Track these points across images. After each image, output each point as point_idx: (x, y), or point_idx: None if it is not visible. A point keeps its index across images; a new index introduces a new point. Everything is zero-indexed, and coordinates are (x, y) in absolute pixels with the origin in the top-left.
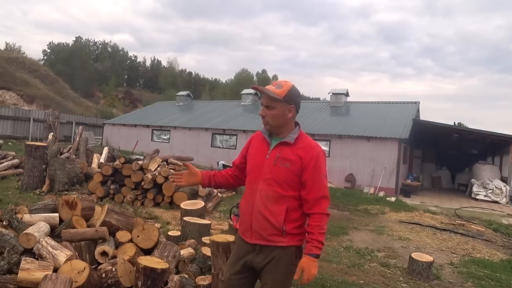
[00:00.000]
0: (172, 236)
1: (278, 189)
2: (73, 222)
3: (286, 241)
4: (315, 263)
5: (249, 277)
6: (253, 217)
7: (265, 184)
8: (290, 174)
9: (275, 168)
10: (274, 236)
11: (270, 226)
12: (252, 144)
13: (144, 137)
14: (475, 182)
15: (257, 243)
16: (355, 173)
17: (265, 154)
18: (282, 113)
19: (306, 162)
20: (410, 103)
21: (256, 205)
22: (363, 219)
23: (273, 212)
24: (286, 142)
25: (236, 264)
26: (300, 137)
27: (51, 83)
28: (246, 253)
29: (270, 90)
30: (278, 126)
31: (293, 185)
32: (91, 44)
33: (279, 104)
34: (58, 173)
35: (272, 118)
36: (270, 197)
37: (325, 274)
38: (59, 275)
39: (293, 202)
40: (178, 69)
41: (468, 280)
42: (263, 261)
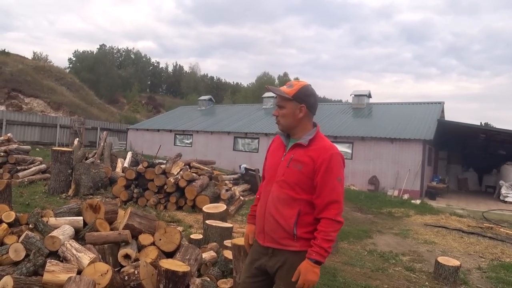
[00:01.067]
0: (194, 239)
1: (290, 191)
2: (96, 225)
3: (298, 245)
4: (314, 269)
5: (264, 281)
6: (266, 219)
7: (277, 186)
8: (302, 177)
9: (288, 170)
10: (285, 239)
11: (281, 229)
12: (271, 147)
13: (167, 141)
14: (504, 183)
15: (270, 246)
16: (378, 175)
17: (280, 156)
18: (292, 112)
19: (318, 165)
20: (434, 103)
21: (268, 208)
22: (387, 222)
23: (284, 215)
24: (300, 143)
25: (251, 267)
26: (315, 138)
27: (76, 90)
28: (259, 256)
29: (280, 89)
30: (290, 126)
31: (305, 188)
32: (114, 51)
33: (289, 103)
34: (83, 177)
35: (282, 118)
36: (282, 199)
37: (348, 278)
38: (83, 277)
39: (306, 206)
40: (200, 74)
41: (497, 285)
42: (276, 265)
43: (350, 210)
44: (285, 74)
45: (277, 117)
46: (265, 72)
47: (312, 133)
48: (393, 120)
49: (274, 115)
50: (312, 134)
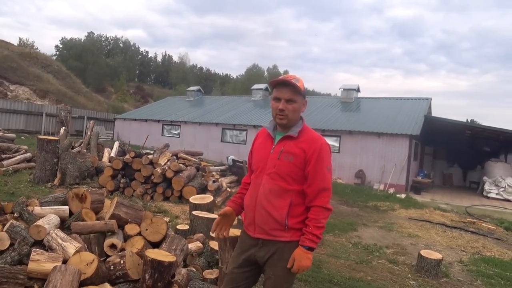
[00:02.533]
0: (180, 230)
1: (281, 183)
2: (82, 214)
3: (288, 235)
4: (307, 255)
5: (252, 271)
6: (256, 211)
7: (268, 178)
8: (294, 168)
9: (279, 162)
10: (276, 230)
11: (272, 221)
12: (256, 140)
13: (154, 132)
14: (487, 180)
15: (260, 237)
16: (365, 169)
17: (269, 149)
18: (299, 107)
19: (309, 155)
20: (422, 99)
21: (259, 199)
22: (373, 216)
23: (276, 206)
24: (289, 136)
25: (239, 258)
26: (303, 130)
27: (63, 78)
28: (249, 247)
29: (294, 82)
30: (294, 120)
31: (297, 179)
32: (103, 39)
33: (299, 98)
34: (69, 166)
35: (292, 112)
36: (273, 191)
37: (332, 270)
38: (68, 266)
39: (297, 196)
40: (189, 64)
41: (477, 278)
42: (266, 255)
43: (336, 203)
44: (274, 67)
45: (284, 111)
46: (255, 64)
47: (300, 125)
48: (380, 115)
49: (280, 109)
50: (300, 126)
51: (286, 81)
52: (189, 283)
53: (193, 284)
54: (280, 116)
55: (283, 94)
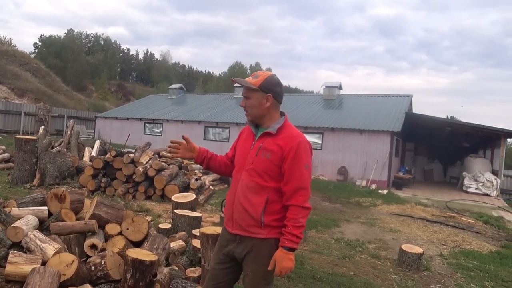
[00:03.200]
0: (162, 229)
1: (258, 179)
2: (62, 215)
3: (265, 233)
4: (288, 256)
5: (232, 267)
6: (234, 207)
7: (246, 174)
8: (270, 165)
9: (257, 159)
10: (252, 227)
11: (248, 217)
12: (241, 136)
13: (136, 130)
14: (467, 175)
15: (237, 233)
16: (347, 166)
17: (249, 145)
18: (259, 103)
19: (286, 152)
20: (403, 96)
21: (237, 196)
22: (355, 212)
23: (252, 203)
24: (268, 132)
25: (219, 254)
26: (283, 127)
27: (42, 76)
28: (228, 242)
29: (246, 80)
30: (258, 116)
31: (274, 176)
32: (83, 37)
33: (255, 94)
34: (48, 166)
35: (250, 108)
36: (250, 187)
37: (315, 266)
38: (47, 268)
39: (274, 193)
40: (171, 62)
41: (457, 271)
42: (243, 252)
43: (319, 199)
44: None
45: (244, 107)
46: (238, 62)
47: (280, 121)
48: (362, 112)
49: (241, 106)
50: (280, 123)
51: (235, 82)
52: (172, 282)
53: (175, 283)
54: (245, 113)
55: (242, 92)
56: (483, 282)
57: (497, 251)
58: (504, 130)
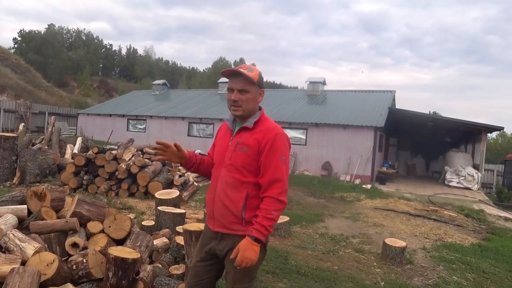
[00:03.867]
0: (146, 226)
1: (237, 175)
2: (42, 213)
3: (246, 229)
4: (253, 246)
5: (214, 264)
6: (215, 204)
7: (225, 170)
8: (248, 159)
9: (235, 154)
10: (233, 224)
11: (229, 214)
12: (219, 133)
13: (119, 127)
14: (448, 169)
15: (219, 231)
16: (331, 161)
17: (227, 141)
18: (254, 97)
19: (263, 145)
20: (386, 92)
21: (217, 192)
22: (339, 206)
23: (233, 199)
24: (245, 127)
25: (201, 251)
26: (260, 120)
27: (22, 72)
28: (209, 240)
29: (247, 73)
30: (250, 110)
31: (252, 171)
32: (64, 32)
33: (253, 88)
34: (29, 164)
35: (246, 102)
36: (230, 183)
37: (300, 261)
38: (27, 268)
39: (253, 189)
40: (155, 57)
41: (439, 264)
42: (224, 249)
43: (303, 195)
44: (241, 60)
45: (237, 101)
46: (222, 57)
47: (257, 115)
48: (346, 107)
49: (233, 100)
50: (256, 117)
51: (237, 71)
52: (155, 279)
53: (159, 280)
54: (234, 107)
55: (236, 85)
56: (464, 274)
57: (478, 244)
58: (485, 125)
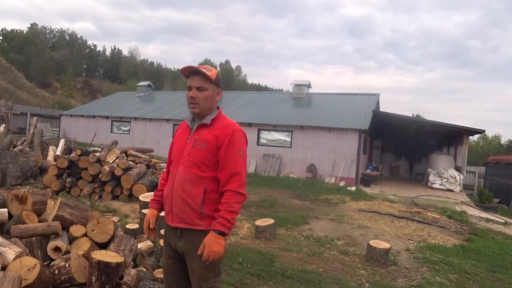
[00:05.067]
0: (130, 229)
1: (195, 170)
2: (23, 217)
3: (205, 224)
4: (218, 240)
5: (182, 260)
6: (173, 200)
7: (183, 166)
8: (206, 154)
9: (193, 150)
10: (193, 218)
11: (188, 209)
12: (177, 131)
13: (103, 128)
14: (431, 171)
15: (178, 226)
16: (316, 163)
17: (186, 139)
18: (212, 95)
19: (221, 140)
20: (370, 95)
21: (175, 188)
22: (324, 209)
23: (191, 194)
24: (204, 123)
25: (167, 249)
26: (218, 118)
27: (3, 72)
28: (171, 237)
29: (204, 71)
30: (207, 108)
31: (211, 166)
32: (47, 31)
33: (211, 86)
34: (10, 166)
35: (204, 100)
36: (188, 179)
37: (285, 263)
38: (7, 273)
39: (211, 183)
40: (140, 58)
41: (423, 265)
42: (185, 246)
43: (288, 197)
44: (227, 62)
45: (195, 99)
46: (207, 59)
47: (215, 113)
48: (331, 110)
49: (192, 97)
50: (214, 114)
51: (194, 70)
52: (139, 283)
53: (143, 284)
54: (192, 104)
55: (194, 82)
56: (447, 275)
57: (461, 245)
58: (467, 127)
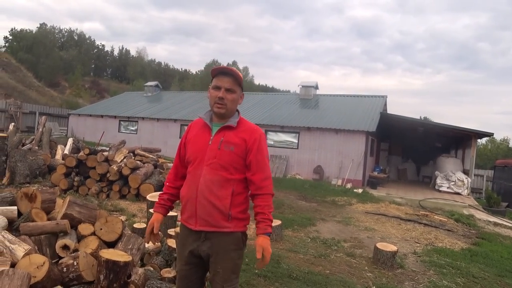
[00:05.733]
0: (137, 229)
1: (223, 173)
2: (32, 215)
3: (231, 226)
4: (269, 241)
5: (200, 263)
6: (198, 203)
7: (209, 169)
8: (235, 157)
9: (220, 152)
10: (220, 221)
11: (216, 211)
12: (190, 131)
13: (111, 128)
14: (439, 174)
15: (202, 230)
16: (323, 165)
17: (207, 140)
18: (238, 98)
19: (250, 144)
20: (378, 96)
21: (200, 191)
22: (331, 210)
23: (219, 197)
24: (229, 126)
25: (184, 254)
26: (241, 121)
27: (13, 71)
28: (191, 241)
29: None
30: (232, 110)
31: (239, 168)
32: (56, 31)
33: (238, 89)
34: (19, 165)
35: (231, 102)
36: (215, 181)
37: (291, 265)
38: (17, 270)
39: (238, 185)
40: (147, 59)
41: (430, 268)
42: (210, 249)
43: (295, 198)
44: (234, 62)
45: (223, 99)
46: (214, 60)
47: (237, 116)
48: (338, 112)
49: (220, 97)
50: (237, 117)
51: (228, 70)
52: (147, 282)
53: (150, 283)
54: (219, 105)
55: (224, 83)
56: (455, 279)
57: (468, 249)
58: (475, 130)
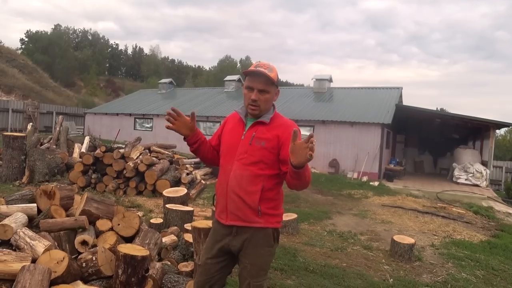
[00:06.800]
0: (154, 224)
1: (253, 168)
2: (51, 212)
3: (262, 221)
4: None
5: (225, 261)
6: (228, 197)
7: (239, 164)
8: (266, 152)
9: (251, 148)
10: (250, 216)
11: (245, 206)
12: (227, 124)
13: (126, 126)
14: (457, 166)
15: (233, 224)
16: (338, 158)
17: (240, 135)
18: (272, 97)
19: (283, 139)
20: (393, 88)
21: (230, 186)
22: (347, 204)
23: (249, 192)
24: (261, 121)
25: (213, 248)
26: (275, 116)
27: (29, 72)
28: (222, 236)
29: (268, 73)
30: (267, 110)
31: (269, 164)
32: (70, 32)
33: (272, 88)
34: (38, 163)
35: (265, 103)
36: (245, 176)
37: (308, 258)
38: (37, 265)
39: (268, 181)
40: (161, 56)
41: (448, 261)
42: (240, 244)
43: (310, 192)
44: (247, 58)
45: (256, 101)
46: (228, 56)
47: (272, 112)
48: (353, 104)
49: (253, 99)
50: (272, 113)
51: (259, 72)
52: (164, 277)
53: (168, 277)
54: (253, 106)
55: (256, 85)
56: (474, 271)
57: (487, 241)
58: (493, 121)
